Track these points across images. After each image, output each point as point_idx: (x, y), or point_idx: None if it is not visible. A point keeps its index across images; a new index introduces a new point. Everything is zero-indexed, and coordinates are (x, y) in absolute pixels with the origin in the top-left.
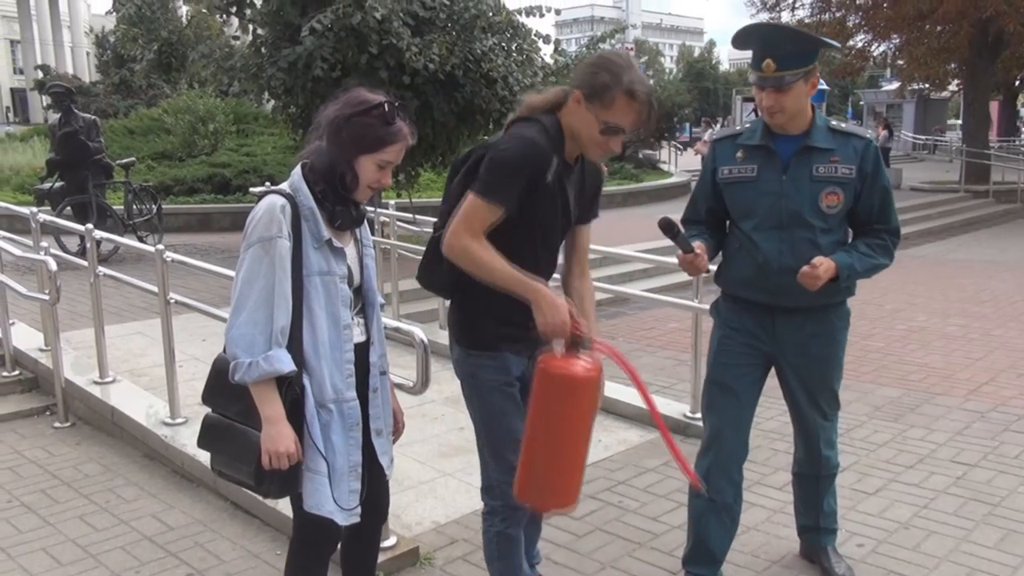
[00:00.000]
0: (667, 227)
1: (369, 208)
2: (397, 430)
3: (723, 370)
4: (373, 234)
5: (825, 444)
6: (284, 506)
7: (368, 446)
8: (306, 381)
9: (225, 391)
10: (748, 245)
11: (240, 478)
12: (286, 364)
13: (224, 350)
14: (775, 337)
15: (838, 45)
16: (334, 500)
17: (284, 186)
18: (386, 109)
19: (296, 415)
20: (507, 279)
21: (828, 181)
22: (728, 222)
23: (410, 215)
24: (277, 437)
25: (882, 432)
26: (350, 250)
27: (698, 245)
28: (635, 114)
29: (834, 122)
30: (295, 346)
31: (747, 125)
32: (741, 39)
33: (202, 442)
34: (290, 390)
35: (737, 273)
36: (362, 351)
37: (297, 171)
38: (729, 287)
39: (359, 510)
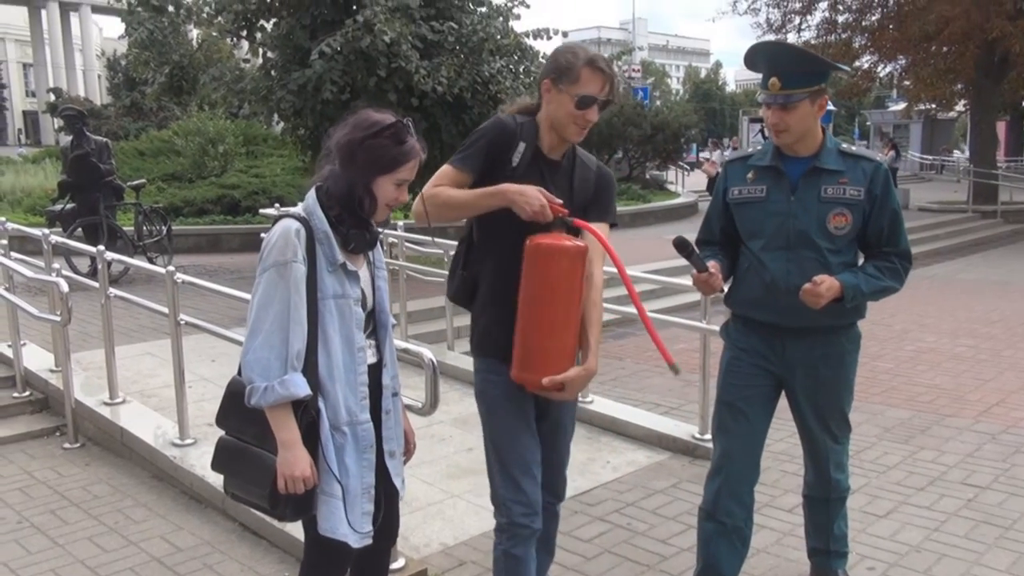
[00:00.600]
0: (681, 246)
1: (379, 230)
2: (408, 451)
3: (733, 391)
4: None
5: (835, 467)
6: (292, 528)
7: (381, 468)
8: (321, 404)
9: (240, 414)
10: (756, 265)
11: (254, 501)
12: (302, 388)
13: (239, 373)
14: (784, 358)
15: (847, 68)
16: (348, 523)
17: (298, 209)
18: (397, 129)
19: (311, 438)
20: (473, 199)
21: (836, 202)
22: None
23: (428, 237)
24: (293, 461)
25: (892, 454)
26: (363, 272)
27: (712, 264)
28: (601, 81)
29: (844, 145)
30: (310, 369)
31: (758, 147)
32: (750, 58)
33: (216, 464)
34: (305, 413)
35: (746, 293)
36: (375, 373)
37: (312, 195)
38: (738, 307)
39: (372, 532)
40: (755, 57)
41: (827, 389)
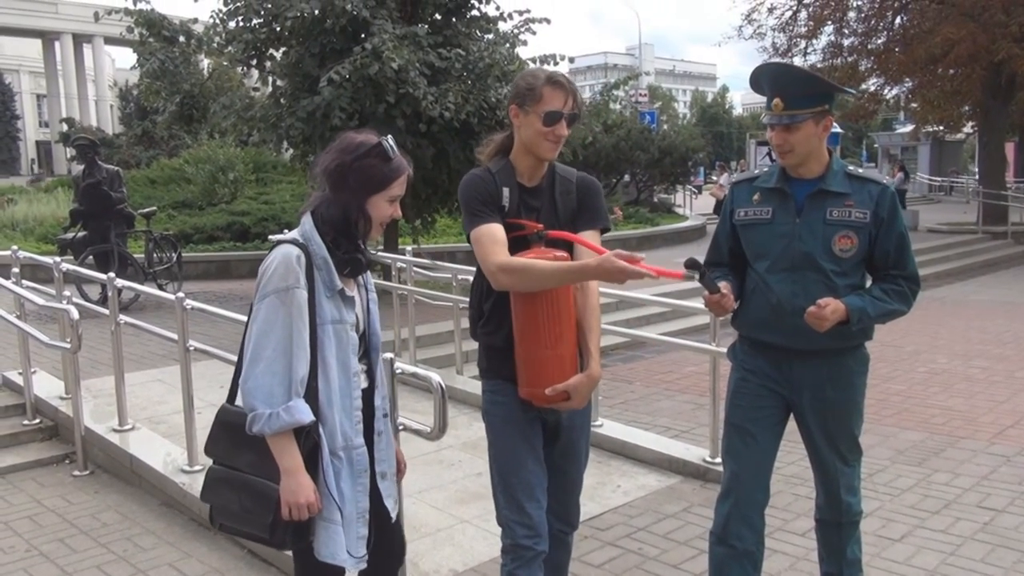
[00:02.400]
0: (693, 267)
1: (387, 255)
2: (400, 471)
3: (740, 413)
4: (390, 280)
5: (846, 490)
6: None
7: (373, 490)
8: (320, 429)
9: (233, 442)
10: (762, 287)
11: (249, 530)
12: (306, 415)
13: (229, 400)
14: (791, 380)
15: (852, 91)
16: (347, 549)
17: (295, 235)
18: (384, 147)
19: (312, 464)
20: (549, 271)
21: (841, 224)
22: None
23: (427, 261)
24: (297, 489)
25: (906, 477)
26: (357, 296)
27: (724, 285)
28: (563, 96)
29: (851, 168)
30: (310, 395)
31: (765, 169)
32: (754, 79)
33: (207, 495)
34: (307, 439)
35: (752, 315)
36: (367, 396)
37: (308, 220)
38: (745, 329)
39: (366, 557)
40: (759, 78)
41: (835, 412)
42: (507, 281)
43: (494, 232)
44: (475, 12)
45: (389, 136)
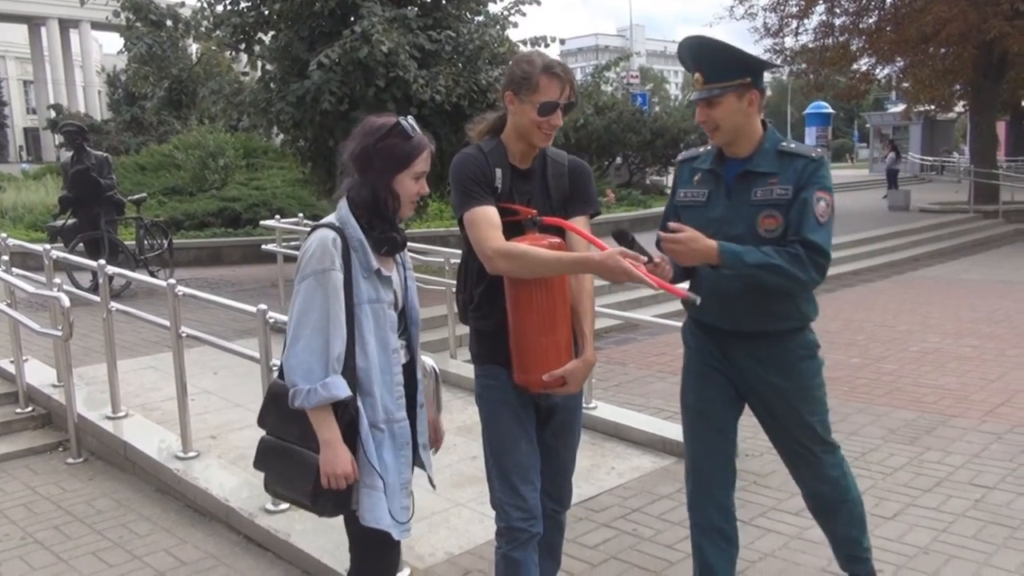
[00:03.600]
0: (621, 236)
1: None
2: (438, 440)
3: (692, 394)
4: None
5: (815, 479)
6: (297, 539)
7: (416, 459)
8: (360, 403)
9: (280, 415)
10: (699, 268)
11: (295, 497)
12: (343, 390)
13: (279, 376)
14: (731, 361)
15: (777, 64)
16: (391, 515)
17: (332, 219)
18: (403, 125)
19: (351, 436)
20: (550, 261)
21: (765, 204)
22: None
23: (419, 245)
24: (335, 460)
25: (898, 455)
26: (394, 275)
27: (658, 255)
28: (559, 86)
29: (785, 144)
30: (348, 372)
31: (708, 148)
32: (679, 55)
33: (259, 463)
34: (345, 413)
35: (699, 295)
36: (408, 370)
37: (344, 205)
38: (690, 310)
39: (411, 525)
40: (681, 53)
41: (782, 399)
42: (504, 267)
43: (490, 215)
44: None
45: (409, 115)
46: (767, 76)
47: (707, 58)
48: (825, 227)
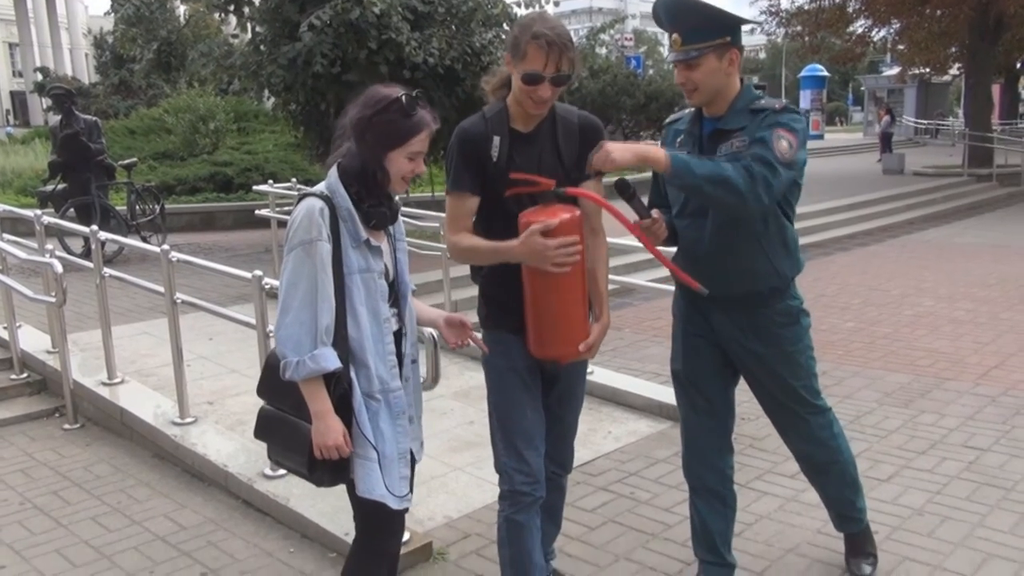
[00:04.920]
0: (623, 188)
1: None
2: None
3: (679, 361)
4: None
5: (802, 439)
6: (296, 503)
7: None
8: (353, 374)
9: (277, 386)
10: (678, 232)
11: (292, 467)
12: (331, 362)
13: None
14: (713, 327)
15: (755, 21)
16: (385, 486)
17: (321, 187)
18: (404, 102)
19: (345, 407)
20: (487, 254)
21: (729, 159)
22: None
23: (426, 211)
24: (326, 431)
25: (892, 418)
26: (384, 246)
27: (656, 211)
28: (543, 55)
29: (760, 101)
30: (340, 343)
31: (691, 109)
32: (655, 15)
33: (258, 433)
34: (338, 385)
35: (675, 261)
36: (396, 341)
37: (333, 173)
38: (673, 277)
39: (411, 497)
40: (657, 14)
41: (764, 365)
42: (458, 258)
43: (459, 205)
44: None
45: (416, 91)
46: (762, 39)
47: (684, 18)
48: (786, 164)
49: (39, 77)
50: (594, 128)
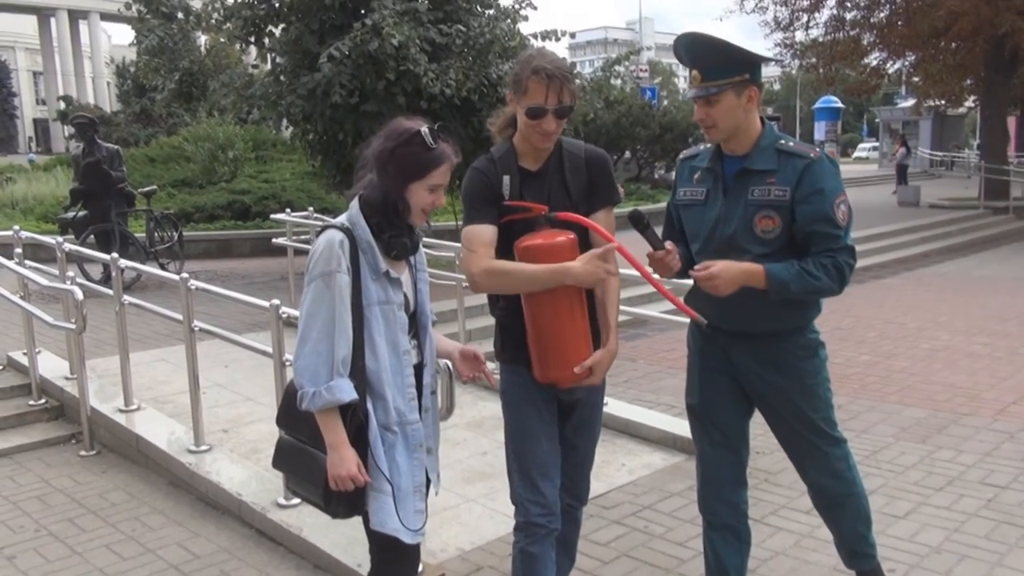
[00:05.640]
0: (636, 219)
1: None
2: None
3: (694, 395)
4: None
5: (818, 471)
6: (309, 533)
7: None
8: (370, 406)
9: (296, 416)
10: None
11: (311, 498)
12: (347, 393)
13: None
14: (731, 360)
15: (774, 59)
16: (399, 519)
17: (342, 219)
18: (426, 135)
19: (361, 439)
20: (534, 276)
21: (761, 204)
22: None
23: (440, 240)
24: (340, 462)
25: (909, 454)
26: (405, 276)
27: (670, 244)
28: (544, 88)
29: (784, 142)
30: (358, 374)
31: (708, 146)
32: (675, 51)
33: (276, 463)
34: (354, 416)
35: (693, 296)
36: (416, 373)
37: (355, 205)
38: (691, 307)
39: (425, 530)
40: (678, 50)
41: (784, 398)
42: (490, 284)
43: (482, 234)
44: None
45: (440, 124)
46: (777, 70)
47: (704, 56)
48: (848, 228)
49: (62, 105)
50: (601, 160)
